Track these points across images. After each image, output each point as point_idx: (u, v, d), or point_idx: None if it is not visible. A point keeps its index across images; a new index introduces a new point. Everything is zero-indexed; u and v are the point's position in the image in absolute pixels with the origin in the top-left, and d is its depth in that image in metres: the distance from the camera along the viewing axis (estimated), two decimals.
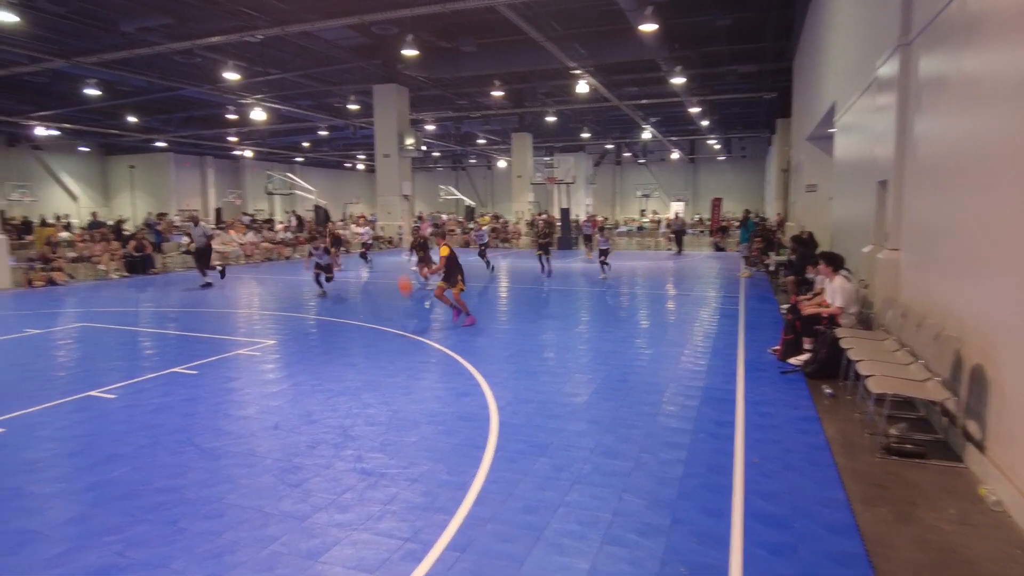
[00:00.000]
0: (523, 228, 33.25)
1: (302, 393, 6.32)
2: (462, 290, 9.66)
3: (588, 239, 24.44)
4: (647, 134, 36.02)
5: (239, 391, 6.47)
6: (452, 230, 34.23)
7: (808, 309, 7.34)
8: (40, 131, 31.92)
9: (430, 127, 34.86)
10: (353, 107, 28.99)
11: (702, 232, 34.34)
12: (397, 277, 10.41)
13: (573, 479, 4.24)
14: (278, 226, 30.87)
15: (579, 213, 34.96)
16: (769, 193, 33.85)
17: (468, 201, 48.14)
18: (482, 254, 19.47)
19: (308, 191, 34.17)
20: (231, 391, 6.47)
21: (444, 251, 9.62)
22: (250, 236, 24.06)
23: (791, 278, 10.86)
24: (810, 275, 9.09)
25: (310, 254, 13.85)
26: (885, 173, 7.15)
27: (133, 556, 3.36)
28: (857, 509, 3.80)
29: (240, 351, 8.27)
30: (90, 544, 3.49)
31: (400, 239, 27.95)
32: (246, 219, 32.10)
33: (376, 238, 29.85)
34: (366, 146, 40.74)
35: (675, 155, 44.97)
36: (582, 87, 23.04)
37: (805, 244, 12.05)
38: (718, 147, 44.36)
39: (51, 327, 10.15)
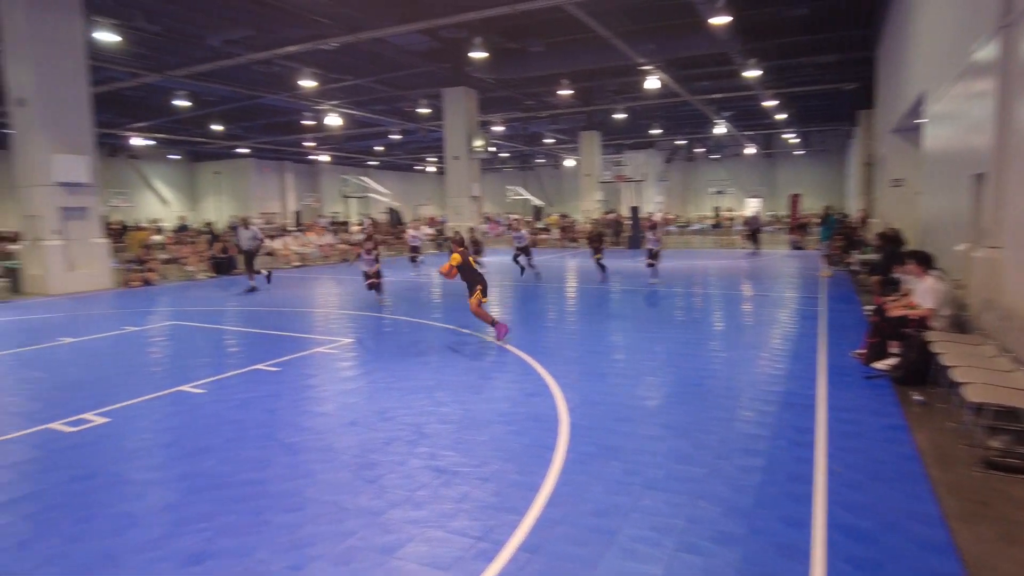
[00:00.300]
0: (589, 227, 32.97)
1: (377, 390, 6.50)
2: (481, 301, 8.74)
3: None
4: (720, 129, 35.02)
5: (318, 388, 6.72)
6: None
7: (895, 311, 6.96)
8: (136, 141, 34.22)
9: (498, 128, 35.10)
10: (423, 111, 29.56)
11: (779, 230, 33.09)
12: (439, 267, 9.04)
13: (646, 484, 4.17)
14: (353, 228, 31.86)
15: (650, 211, 34.38)
16: (850, 188, 32.28)
17: (536, 201, 48.19)
18: (518, 258, 17.10)
19: (381, 194, 35.05)
20: (310, 388, 6.72)
21: (455, 258, 8.58)
22: (327, 238, 24.94)
23: (876, 278, 10.32)
24: (897, 275, 8.60)
25: (358, 257, 13.30)
26: (983, 165, 6.68)
27: (222, 544, 3.54)
28: (954, 526, 3.57)
29: (318, 349, 8.59)
30: (184, 530, 3.70)
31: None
32: (323, 221, 33.28)
33: (446, 239, 30.29)
34: (436, 149, 41.42)
35: (750, 150, 43.49)
36: (651, 83, 22.66)
37: (891, 242, 11.42)
38: (795, 141, 42.62)
39: (146, 325, 10.84)
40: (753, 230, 24.61)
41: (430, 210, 46.96)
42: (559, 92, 26.03)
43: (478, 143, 26.77)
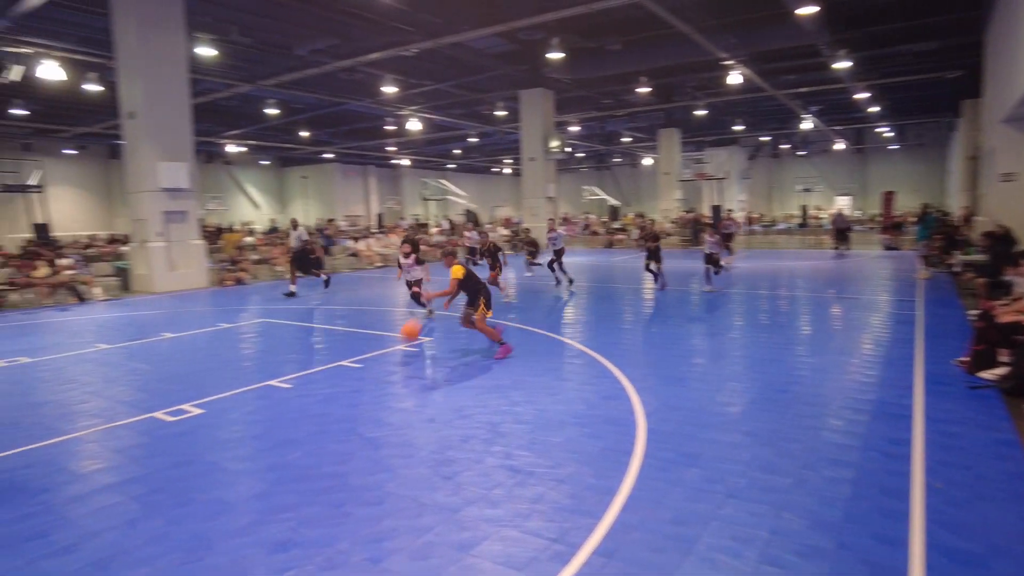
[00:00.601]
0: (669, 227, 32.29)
1: (454, 389, 6.60)
2: (487, 316, 8.07)
3: (729, 238, 21.18)
4: (807, 124, 33.49)
5: (398, 384, 6.91)
6: (596, 232, 34.09)
7: (1006, 316, 6.43)
8: (230, 148, 36.33)
9: (574, 128, 34.96)
10: (500, 113, 29.85)
11: (871, 229, 31.28)
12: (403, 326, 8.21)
13: (727, 492, 4.04)
14: (432, 230, 32.55)
15: (731, 210, 33.33)
16: (951, 185, 30.15)
17: (612, 201, 47.67)
18: (553, 264, 15.32)
19: (459, 196, 35.64)
20: (391, 384, 6.91)
21: (456, 272, 7.88)
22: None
23: (982, 280, 9.59)
24: (1008, 277, 7.96)
25: (399, 264, 11.25)
26: None
27: (305, 534, 3.69)
28: None
29: (399, 347, 8.82)
30: (271, 519, 3.88)
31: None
32: (404, 223, 34.16)
33: (522, 240, 30.44)
34: (513, 150, 41.71)
35: (839, 145, 41.31)
36: (734, 78, 21.95)
37: (1001, 241, 10.60)
38: (889, 135, 40.14)
39: (238, 322, 11.46)
40: (840, 229, 23.36)
41: (506, 211, 47.34)
42: (637, 90, 25.62)
43: (554, 144, 26.76)
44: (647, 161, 47.23)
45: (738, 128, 36.98)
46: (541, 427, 5.34)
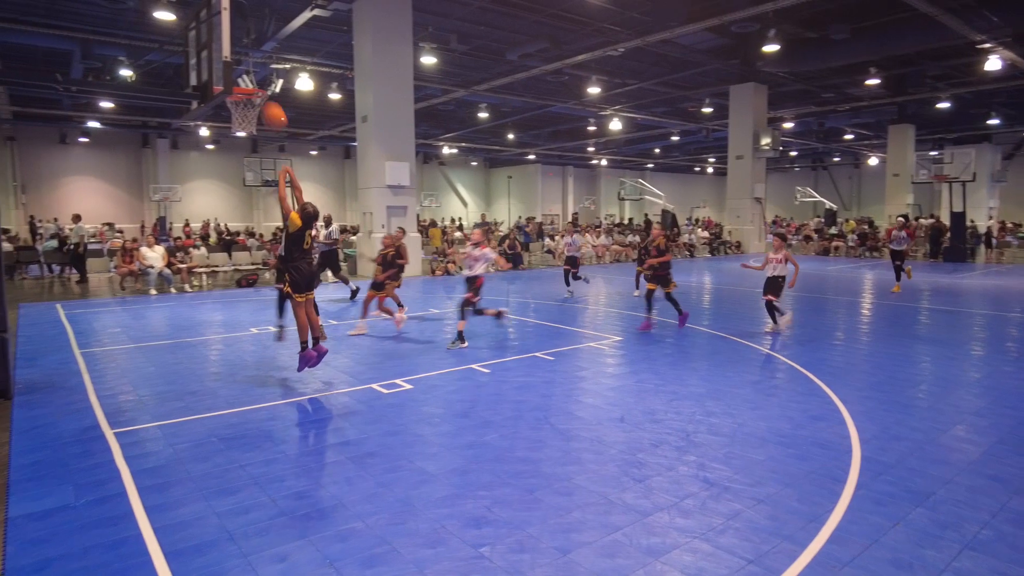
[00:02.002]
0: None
1: (646, 391, 6.48)
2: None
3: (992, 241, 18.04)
4: None
5: (589, 380, 6.95)
6: (809, 236, 31.39)
7: None
8: (445, 150, 39.25)
9: (788, 125, 32.48)
10: (706, 110, 28.72)
11: None
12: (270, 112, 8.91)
13: (964, 542, 3.47)
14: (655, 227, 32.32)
15: (974, 218, 28.68)
16: None
17: (828, 204, 43.48)
18: (568, 276, 13.88)
19: (657, 196, 34.95)
20: (582, 379, 6.98)
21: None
22: (603, 239, 25.69)
23: None
24: None
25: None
26: None
27: (498, 513, 3.86)
28: None
29: (590, 343, 8.88)
30: (467, 494, 4.12)
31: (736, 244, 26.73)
32: (598, 222, 34.30)
33: (722, 242, 29.10)
34: (717, 149, 39.96)
35: None
36: (992, 64, 18.84)
37: None
38: None
39: (445, 309, 12.33)
40: None
41: (706, 212, 45.42)
42: (865, 82, 23.10)
43: (765, 141, 25.14)
44: (872, 161, 42.42)
45: (992, 122, 31.55)
46: (740, 441, 5.04)
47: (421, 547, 3.47)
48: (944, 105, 27.11)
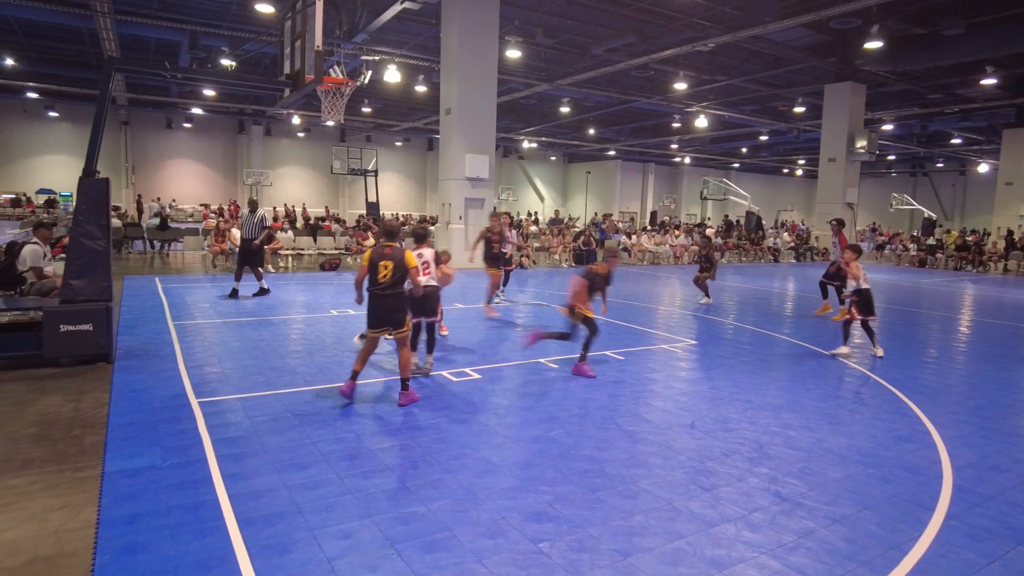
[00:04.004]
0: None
1: (719, 398, 6.27)
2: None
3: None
4: None
5: (659, 383, 6.79)
6: (905, 247, 29.56)
7: None
8: (525, 144, 39.32)
9: (887, 127, 30.64)
10: (799, 109, 27.52)
11: None
12: None
13: None
14: (708, 231, 31.39)
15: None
16: None
17: (927, 213, 40.80)
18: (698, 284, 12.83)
19: (742, 197, 33.78)
20: (652, 381, 6.83)
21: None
22: (681, 239, 25.10)
23: None
24: None
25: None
26: None
27: (560, 510, 3.82)
28: None
29: (663, 345, 8.68)
30: (530, 488, 4.10)
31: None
32: (678, 222, 33.50)
33: (809, 248, 27.88)
34: (808, 150, 38.26)
35: None
36: None
37: None
38: None
39: (517, 302, 12.36)
40: None
41: (794, 216, 43.54)
42: (980, 82, 21.44)
43: (861, 144, 23.84)
44: (982, 168, 39.44)
45: None
46: (817, 457, 4.79)
47: (481, 536, 3.48)
48: None
